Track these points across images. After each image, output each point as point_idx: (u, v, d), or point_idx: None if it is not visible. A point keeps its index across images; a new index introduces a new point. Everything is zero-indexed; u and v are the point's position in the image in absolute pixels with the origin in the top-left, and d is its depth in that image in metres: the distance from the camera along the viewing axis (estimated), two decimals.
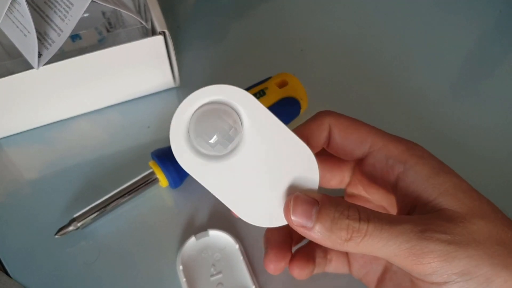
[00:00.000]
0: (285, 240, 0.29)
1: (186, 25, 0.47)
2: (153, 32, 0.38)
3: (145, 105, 0.42)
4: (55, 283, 0.33)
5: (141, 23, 0.38)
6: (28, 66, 0.35)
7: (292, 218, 0.23)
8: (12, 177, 0.38)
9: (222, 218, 0.36)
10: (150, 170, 0.36)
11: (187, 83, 0.43)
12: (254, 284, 0.32)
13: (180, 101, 0.42)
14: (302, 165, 0.25)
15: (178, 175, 0.35)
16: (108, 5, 0.34)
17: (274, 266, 0.28)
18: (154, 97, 0.42)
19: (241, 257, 0.33)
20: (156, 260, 0.34)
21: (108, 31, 0.40)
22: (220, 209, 0.36)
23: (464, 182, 0.24)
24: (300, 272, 0.29)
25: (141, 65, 0.39)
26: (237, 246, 0.34)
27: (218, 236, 0.34)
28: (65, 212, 0.36)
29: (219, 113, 0.24)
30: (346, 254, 0.30)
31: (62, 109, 0.40)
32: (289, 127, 0.25)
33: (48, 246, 0.35)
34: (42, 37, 0.34)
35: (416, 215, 0.23)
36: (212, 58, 0.45)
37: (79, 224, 0.34)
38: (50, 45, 0.34)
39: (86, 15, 0.39)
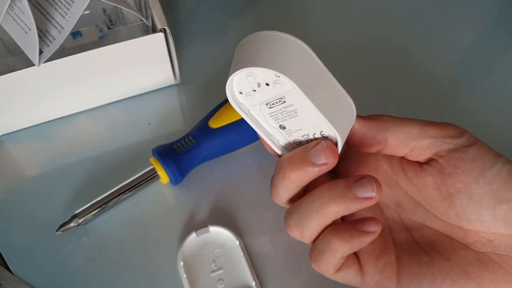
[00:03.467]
0: None
1: (186, 22, 0.48)
2: (154, 29, 0.38)
3: (146, 102, 0.42)
4: (56, 279, 0.34)
5: (142, 20, 0.38)
6: (29, 63, 0.35)
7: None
8: (14, 174, 0.38)
9: (223, 214, 0.36)
10: (151, 167, 0.36)
11: (187, 80, 0.43)
12: (254, 280, 0.32)
13: (181, 98, 0.42)
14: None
15: (178, 171, 0.35)
16: (109, 2, 0.34)
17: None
18: (155, 94, 0.42)
19: (242, 253, 0.33)
20: (157, 256, 0.34)
21: (108, 28, 0.40)
22: (220, 205, 0.36)
23: None
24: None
25: (141, 62, 0.39)
26: (237, 242, 0.34)
27: (218, 232, 0.34)
28: (67, 208, 0.36)
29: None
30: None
31: (63, 106, 0.40)
32: None
33: (50, 243, 0.35)
34: (43, 34, 0.34)
35: None
36: (212, 55, 0.45)
37: (80, 221, 0.34)
38: (51, 42, 0.34)
39: (86, 12, 0.39)
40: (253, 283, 0.32)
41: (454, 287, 0.26)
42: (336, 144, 0.25)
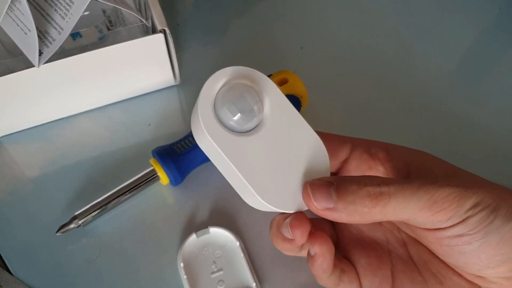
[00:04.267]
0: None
1: (186, 23, 0.48)
2: (154, 30, 0.38)
3: (146, 102, 0.42)
4: (56, 280, 0.34)
5: (142, 21, 0.38)
6: (29, 64, 0.35)
7: (315, 203, 0.24)
8: (14, 175, 0.38)
9: (223, 215, 0.36)
10: (151, 168, 0.36)
11: (187, 81, 0.43)
12: (255, 281, 0.32)
13: (180, 99, 0.42)
14: (314, 153, 0.26)
15: (178, 172, 0.35)
16: (109, 3, 0.34)
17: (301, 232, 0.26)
18: (155, 95, 0.42)
19: (242, 254, 0.33)
20: (157, 258, 0.34)
21: (108, 29, 0.40)
22: (220, 206, 0.36)
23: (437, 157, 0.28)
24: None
25: (141, 63, 0.39)
26: (237, 243, 0.34)
27: (218, 233, 0.34)
28: (66, 209, 0.36)
29: (247, 87, 0.25)
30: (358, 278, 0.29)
31: (63, 107, 0.40)
32: None
33: (50, 244, 0.35)
34: (42, 35, 0.34)
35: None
36: (212, 55, 0.45)
37: (80, 222, 0.34)
38: (50, 43, 0.34)
39: (86, 13, 0.39)
40: (254, 284, 0.32)
41: None
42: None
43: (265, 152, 0.25)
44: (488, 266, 0.24)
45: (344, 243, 0.29)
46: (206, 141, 0.25)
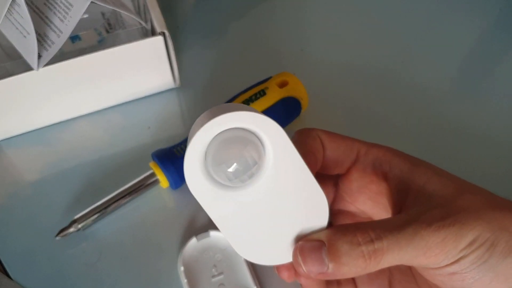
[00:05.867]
0: None
1: (185, 25, 0.47)
2: (153, 33, 0.38)
3: (145, 105, 0.42)
4: (56, 284, 0.33)
5: (141, 24, 0.38)
6: (28, 68, 0.35)
7: (306, 270, 0.23)
8: (13, 179, 0.38)
9: None
10: (151, 171, 0.36)
11: (187, 84, 0.43)
12: (256, 284, 0.32)
13: (180, 102, 0.42)
14: (314, 208, 0.24)
15: (178, 175, 0.35)
16: (108, 6, 0.34)
17: (289, 274, 0.27)
18: (154, 98, 0.42)
19: (243, 258, 0.33)
20: (157, 261, 0.34)
21: (107, 32, 0.40)
22: None
23: (441, 169, 0.26)
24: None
25: (141, 66, 0.39)
26: None
27: (219, 237, 0.34)
28: (66, 213, 0.36)
29: (245, 143, 0.22)
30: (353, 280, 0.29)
31: (62, 110, 0.40)
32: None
33: (49, 248, 0.35)
34: (41, 38, 0.34)
35: (412, 209, 0.24)
36: (212, 58, 0.45)
37: (79, 226, 0.34)
38: (49, 46, 0.34)
39: (85, 16, 0.39)
40: None
41: None
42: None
43: (259, 205, 0.23)
44: None
45: None
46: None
